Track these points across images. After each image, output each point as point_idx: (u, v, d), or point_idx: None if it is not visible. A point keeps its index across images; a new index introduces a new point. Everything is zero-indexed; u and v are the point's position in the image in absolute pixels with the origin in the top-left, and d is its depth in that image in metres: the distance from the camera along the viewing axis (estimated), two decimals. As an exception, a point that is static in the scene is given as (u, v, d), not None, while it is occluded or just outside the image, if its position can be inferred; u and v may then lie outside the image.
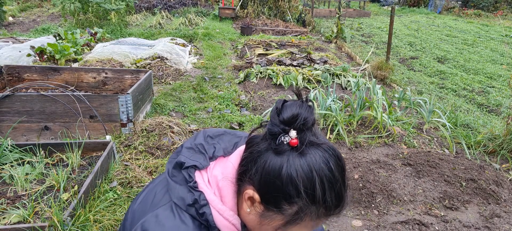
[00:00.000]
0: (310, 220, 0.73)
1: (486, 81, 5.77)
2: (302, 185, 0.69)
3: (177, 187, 0.79)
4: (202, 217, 0.76)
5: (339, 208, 0.74)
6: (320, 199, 0.70)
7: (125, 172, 2.46)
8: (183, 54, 5.84)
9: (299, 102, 0.73)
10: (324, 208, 0.71)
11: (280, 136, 0.71)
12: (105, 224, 1.93)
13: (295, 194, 0.70)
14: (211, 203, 0.77)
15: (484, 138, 3.28)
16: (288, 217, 0.73)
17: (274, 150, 0.72)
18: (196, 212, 0.76)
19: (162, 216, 0.76)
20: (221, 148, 0.86)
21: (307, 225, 0.75)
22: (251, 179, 0.74)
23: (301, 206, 0.71)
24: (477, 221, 2.25)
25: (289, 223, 0.74)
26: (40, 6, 10.46)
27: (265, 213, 0.75)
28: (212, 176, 0.81)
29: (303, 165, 0.70)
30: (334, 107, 3.37)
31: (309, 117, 0.71)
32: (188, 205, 0.76)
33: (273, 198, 0.72)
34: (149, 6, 10.56)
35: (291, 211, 0.72)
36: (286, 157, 0.70)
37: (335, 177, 0.71)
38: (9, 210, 1.90)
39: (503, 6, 14.98)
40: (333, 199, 0.71)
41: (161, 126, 3.12)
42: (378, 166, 2.78)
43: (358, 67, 5.97)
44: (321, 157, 0.71)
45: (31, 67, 3.66)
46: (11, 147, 2.38)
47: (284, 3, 10.75)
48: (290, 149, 0.71)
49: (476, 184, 2.58)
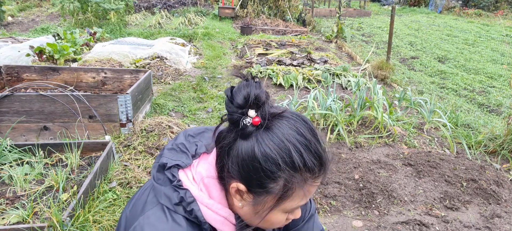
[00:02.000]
0: (299, 188, 0.72)
1: (487, 81, 5.76)
2: (279, 157, 0.69)
3: (162, 188, 0.78)
4: (191, 214, 0.75)
5: (322, 167, 0.73)
6: (300, 164, 0.70)
7: (125, 172, 2.45)
8: (182, 54, 5.82)
9: (245, 82, 0.72)
10: (308, 172, 0.71)
11: (241, 120, 0.71)
12: (104, 224, 1.92)
13: (276, 168, 0.69)
14: (197, 198, 0.76)
15: (484, 138, 3.27)
16: (278, 194, 0.72)
17: (241, 136, 0.71)
18: (184, 210, 0.75)
19: (154, 217, 0.76)
20: (203, 145, 0.85)
21: (298, 195, 0.74)
22: (230, 173, 0.74)
23: (285, 178, 0.70)
24: (478, 221, 2.25)
25: (281, 199, 0.73)
26: (39, 6, 10.45)
27: (256, 199, 0.74)
28: (197, 173, 0.80)
29: (272, 138, 0.69)
30: (335, 107, 3.36)
31: (260, 92, 0.71)
32: (175, 204, 0.76)
33: (257, 182, 0.71)
34: (148, 5, 10.54)
35: (279, 187, 0.71)
36: (255, 137, 0.70)
37: (307, 138, 0.71)
38: (8, 211, 1.90)
39: (503, 5, 14.97)
40: (313, 160, 0.71)
41: (161, 126, 3.11)
42: (379, 166, 2.77)
43: (358, 67, 5.96)
44: (287, 125, 0.71)
45: (30, 67, 3.65)
46: (10, 147, 2.37)
47: (284, 3, 10.74)
48: (255, 128, 0.70)
49: (477, 184, 2.57)
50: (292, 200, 0.74)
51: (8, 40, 5.83)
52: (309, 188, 0.74)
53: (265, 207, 0.75)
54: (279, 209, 0.75)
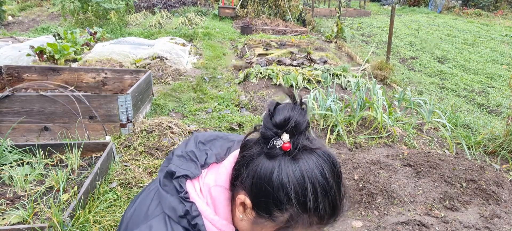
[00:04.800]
0: (303, 228, 0.71)
1: (486, 82, 5.76)
2: (293, 191, 0.66)
3: (168, 197, 0.77)
4: (195, 228, 0.75)
5: (333, 217, 0.71)
6: (312, 207, 0.67)
7: (125, 172, 2.46)
8: (182, 54, 5.83)
9: (292, 105, 0.71)
10: (316, 216, 0.69)
11: (272, 139, 0.69)
12: (104, 224, 1.93)
13: (286, 200, 0.67)
14: (203, 213, 0.75)
15: (484, 139, 3.27)
16: (279, 224, 0.71)
17: (266, 154, 0.70)
18: (188, 224, 0.75)
19: (155, 228, 0.75)
20: (213, 154, 0.83)
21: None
22: (242, 184, 0.73)
23: (292, 213, 0.68)
24: (477, 222, 2.25)
25: (280, 230, 0.72)
26: (39, 5, 10.45)
27: (257, 219, 0.73)
28: (204, 184, 0.79)
29: (295, 170, 0.67)
30: (334, 108, 3.37)
31: (301, 120, 0.69)
32: (180, 217, 0.75)
33: (264, 204, 0.70)
34: (149, 5, 10.54)
35: (283, 219, 0.70)
36: (278, 162, 0.68)
37: (329, 184, 0.69)
38: (9, 211, 1.90)
39: (503, 5, 14.97)
40: (327, 208, 0.69)
41: (161, 126, 3.11)
42: (378, 167, 2.78)
43: (358, 67, 5.96)
44: (314, 163, 0.69)
45: (31, 67, 3.65)
46: (10, 147, 2.38)
47: (284, 3, 10.74)
48: (282, 153, 0.69)
49: (476, 184, 2.57)
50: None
51: (8, 40, 5.84)
52: (311, 229, 0.71)
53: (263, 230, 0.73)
54: None
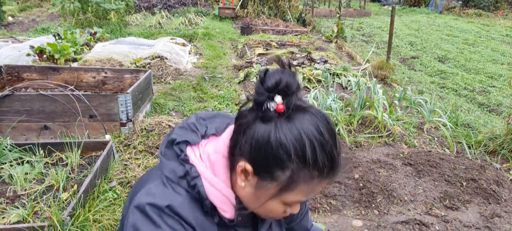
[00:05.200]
0: (305, 184, 0.72)
1: (487, 81, 5.76)
2: (292, 147, 0.69)
3: (169, 162, 0.80)
4: (194, 189, 0.77)
5: (332, 170, 0.73)
6: (311, 161, 0.69)
7: (125, 171, 2.46)
8: (182, 53, 5.83)
9: (281, 69, 0.73)
10: (317, 170, 0.71)
11: (265, 103, 0.71)
12: (104, 223, 1.93)
13: (286, 158, 0.69)
14: (202, 174, 0.78)
15: (484, 138, 3.27)
16: (282, 184, 0.72)
17: (262, 118, 0.72)
18: (187, 185, 0.77)
19: (154, 189, 0.77)
20: (213, 127, 0.86)
21: (302, 190, 0.73)
22: (241, 151, 0.74)
23: (293, 169, 0.70)
24: (478, 221, 2.25)
25: (283, 189, 0.73)
26: (39, 6, 10.45)
27: (260, 183, 0.74)
28: (204, 152, 0.81)
29: (291, 128, 0.69)
30: (335, 107, 3.36)
31: (292, 81, 0.70)
32: (180, 177, 0.77)
33: (265, 166, 0.72)
34: (148, 5, 10.54)
35: (284, 177, 0.71)
36: (274, 123, 0.70)
37: (325, 138, 0.70)
38: (9, 210, 1.90)
39: (503, 6, 14.96)
40: (325, 161, 0.71)
41: (161, 125, 3.11)
42: (379, 166, 2.77)
43: (358, 67, 5.96)
44: (309, 120, 0.71)
45: (31, 67, 3.65)
46: (10, 146, 2.37)
47: (284, 3, 10.74)
48: (277, 115, 0.71)
49: (477, 183, 2.57)
50: (295, 193, 0.74)
51: (8, 40, 5.84)
52: (314, 186, 0.74)
53: (266, 193, 0.75)
54: (280, 200, 0.75)
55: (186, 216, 0.75)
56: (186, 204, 0.76)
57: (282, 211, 0.79)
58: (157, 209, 0.74)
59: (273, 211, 0.78)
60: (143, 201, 0.75)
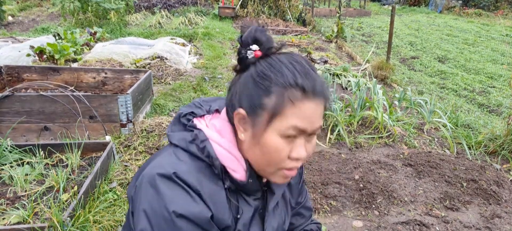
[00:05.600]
0: (292, 105, 0.75)
1: (487, 81, 5.76)
2: (272, 73, 0.76)
3: (178, 133, 0.85)
4: (204, 152, 0.81)
5: (314, 87, 0.77)
6: (290, 80, 0.75)
7: (125, 172, 2.45)
8: (182, 54, 5.82)
9: (252, 27, 0.83)
10: (298, 89, 0.75)
11: (246, 55, 0.79)
12: (104, 224, 1.93)
13: (269, 83, 0.76)
14: (210, 138, 0.82)
15: (484, 138, 3.27)
16: (271, 109, 0.76)
17: (244, 68, 0.80)
18: (197, 148, 0.81)
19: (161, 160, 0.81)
20: (216, 105, 0.92)
21: (292, 113, 0.76)
22: (234, 104, 0.81)
23: (277, 91, 0.75)
24: (478, 222, 2.25)
25: (274, 114, 0.76)
26: (39, 5, 10.45)
27: (254, 121, 0.78)
28: (210, 123, 0.87)
29: (270, 61, 0.78)
30: (335, 108, 3.36)
31: (262, 33, 0.80)
32: (189, 142, 0.82)
33: (254, 100, 0.77)
34: (148, 5, 10.54)
35: (272, 102, 0.76)
36: (254, 65, 0.79)
37: (300, 63, 0.78)
38: (9, 211, 1.90)
39: (503, 5, 14.96)
40: (304, 79, 0.76)
41: (161, 126, 3.11)
42: (379, 167, 2.77)
43: (358, 67, 5.96)
44: (284, 56, 0.79)
45: (31, 67, 3.65)
46: (10, 147, 2.37)
47: (284, 3, 10.74)
48: (256, 60, 0.79)
49: (477, 184, 2.57)
50: (286, 117, 0.76)
51: (8, 40, 5.83)
52: (302, 107, 0.76)
53: (261, 126, 0.78)
54: (275, 129, 0.77)
55: (192, 182, 0.77)
56: (192, 171, 0.78)
57: (285, 148, 0.79)
58: (165, 177, 0.76)
59: (273, 149, 0.78)
60: (151, 172, 0.78)
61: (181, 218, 0.75)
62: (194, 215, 0.75)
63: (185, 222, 0.75)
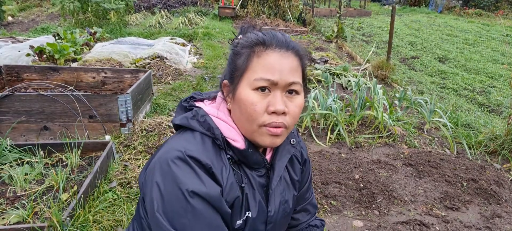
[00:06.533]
0: (256, 57, 0.84)
1: (487, 81, 5.76)
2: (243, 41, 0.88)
3: (180, 115, 0.92)
4: (204, 125, 0.87)
5: (276, 40, 0.86)
6: (254, 38, 0.86)
7: (125, 172, 2.45)
8: (182, 53, 5.82)
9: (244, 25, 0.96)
10: (261, 44, 0.85)
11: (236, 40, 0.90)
12: (104, 224, 1.92)
13: (239, 49, 0.87)
14: (209, 112, 0.90)
15: (485, 138, 3.26)
16: (242, 66, 0.85)
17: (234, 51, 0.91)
18: (198, 123, 0.87)
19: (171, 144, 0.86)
20: (214, 94, 0.99)
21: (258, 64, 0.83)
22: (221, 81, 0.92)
23: (244, 51, 0.86)
24: (478, 221, 2.24)
25: (244, 72, 0.85)
26: (39, 5, 10.44)
27: (236, 86, 0.86)
28: (208, 104, 0.95)
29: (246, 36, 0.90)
30: (335, 107, 3.36)
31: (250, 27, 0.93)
32: (191, 119, 0.89)
33: (231, 67, 0.89)
34: (148, 5, 10.53)
35: (241, 61, 0.86)
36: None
37: (268, 31, 0.89)
38: (9, 210, 1.89)
39: (504, 5, 14.96)
40: (265, 36, 0.86)
41: (161, 126, 3.11)
42: (379, 166, 2.77)
43: (358, 67, 5.95)
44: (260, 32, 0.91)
45: (30, 67, 3.65)
46: (10, 147, 2.37)
47: (284, 2, 10.73)
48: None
49: (477, 184, 2.57)
50: (253, 69, 0.84)
51: (8, 40, 5.83)
52: (266, 57, 0.84)
53: (235, 84, 0.87)
54: (246, 84, 0.84)
55: (203, 159, 0.81)
56: (200, 149, 0.83)
57: (260, 101, 0.84)
58: (177, 158, 0.79)
59: (249, 101, 0.84)
60: (163, 156, 0.82)
61: (195, 197, 0.77)
62: (206, 193, 0.78)
63: (198, 200, 0.78)
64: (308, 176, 1.15)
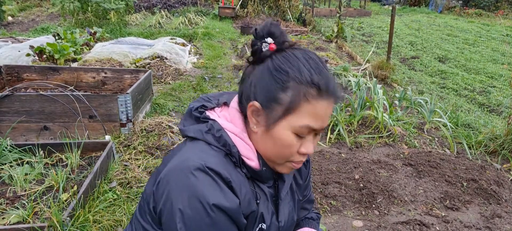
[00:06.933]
0: (307, 103, 0.78)
1: (487, 81, 5.76)
2: (289, 68, 0.77)
3: (192, 126, 0.87)
4: (220, 141, 0.83)
5: (328, 87, 0.79)
6: (307, 78, 0.77)
7: (125, 172, 2.45)
8: (182, 53, 5.82)
9: (267, 20, 0.86)
10: (314, 87, 0.77)
11: (260, 47, 0.81)
12: (104, 224, 1.92)
13: (286, 77, 0.77)
14: (225, 127, 0.85)
15: (485, 138, 3.27)
16: (286, 104, 0.78)
17: (258, 60, 0.82)
18: (213, 138, 0.83)
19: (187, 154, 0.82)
20: (224, 99, 0.94)
21: (306, 111, 0.78)
22: (248, 96, 0.83)
23: (293, 87, 0.77)
24: (478, 221, 2.24)
25: (289, 110, 0.78)
26: (39, 5, 10.44)
27: (268, 114, 0.80)
28: (221, 114, 0.90)
29: (286, 56, 0.79)
30: (335, 107, 3.36)
31: (276, 26, 0.82)
32: (205, 133, 0.84)
33: (269, 93, 0.79)
34: (148, 5, 10.54)
35: (287, 97, 0.78)
36: (270, 58, 0.80)
37: (315, 61, 0.80)
38: (9, 210, 1.89)
39: (504, 5, 14.96)
40: (320, 77, 0.78)
41: (161, 125, 3.11)
42: (379, 166, 2.77)
43: (358, 67, 5.96)
44: (299, 51, 0.81)
45: (31, 67, 3.65)
46: (10, 147, 2.37)
47: (284, 2, 10.73)
48: (271, 53, 0.80)
49: (477, 184, 2.57)
50: (300, 115, 0.78)
51: (8, 40, 5.83)
52: (316, 105, 0.78)
53: (275, 119, 0.80)
54: (288, 124, 0.79)
55: (223, 173, 0.78)
56: (219, 162, 0.80)
57: (296, 144, 0.81)
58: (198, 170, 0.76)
59: (284, 143, 0.81)
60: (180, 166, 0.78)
61: (217, 210, 0.76)
62: (227, 207, 0.77)
63: (220, 213, 0.77)
64: (308, 174, 1.16)
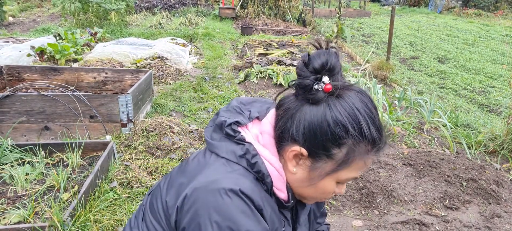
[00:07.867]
0: (360, 159, 0.74)
1: (487, 81, 5.76)
2: (349, 124, 0.70)
3: (223, 144, 0.80)
4: (254, 167, 0.77)
5: (382, 142, 0.75)
6: (367, 134, 0.72)
7: (125, 172, 2.46)
8: (183, 54, 5.83)
9: (324, 50, 0.74)
10: (371, 142, 0.73)
11: (313, 85, 0.72)
12: (105, 224, 1.93)
13: (344, 134, 0.71)
14: (261, 153, 0.78)
15: (484, 138, 3.27)
16: (339, 161, 0.73)
17: (312, 100, 0.73)
18: (247, 163, 0.77)
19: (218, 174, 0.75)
20: (256, 111, 0.87)
21: (357, 165, 0.75)
22: (293, 136, 0.75)
23: (350, 145, 0.72)
24: (478, 221, 2.25)
25: (340, 166, 0.74)
26: (40, 6, 10.46)
27: (314, 164, 0.76)
28: (253, 133, 0.82)
29: (344, 105, 0.71)
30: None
31: (336, 62, 0.73)
32: (240, 157, 0.77)
33: (322, 145, 0.73)
34: (149, 6, 10.55)
35: (341, 154, 0.73)
36: (325, 103, 0.72)
37: (372, 112, 0.74)
38: (9, 210, 1.90)
39: (503, 6, 14.96)
40: (376, 132, 0.73)
41: (161, 126, 3.12)
42: (379, 166, 2.78)
43: (358, 67, 5.97)
44: (356, 97, 0.73)
45: (31, 67, 3.66)
46: (11, 147, 2.38)
47: (284, 3, 10.74)
48: (327, 95, 0.72)
49: (477, 184, 2.57)
50: (350, 169, 0.75)
51: (9, 40, 5.84)
52: (367, 160, 0.75)
53: (321, 173, 0.76)
54: (334, 177, 0.77)
55: (256, 200, 0.74)
56: (254, 188, 0.75)
57: (332, 190, 0.80)
58: (232, 192, 0.72)
59: (325, 191, 0.79)
60: (212, 186, 0.73)
61: None
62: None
63: None
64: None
